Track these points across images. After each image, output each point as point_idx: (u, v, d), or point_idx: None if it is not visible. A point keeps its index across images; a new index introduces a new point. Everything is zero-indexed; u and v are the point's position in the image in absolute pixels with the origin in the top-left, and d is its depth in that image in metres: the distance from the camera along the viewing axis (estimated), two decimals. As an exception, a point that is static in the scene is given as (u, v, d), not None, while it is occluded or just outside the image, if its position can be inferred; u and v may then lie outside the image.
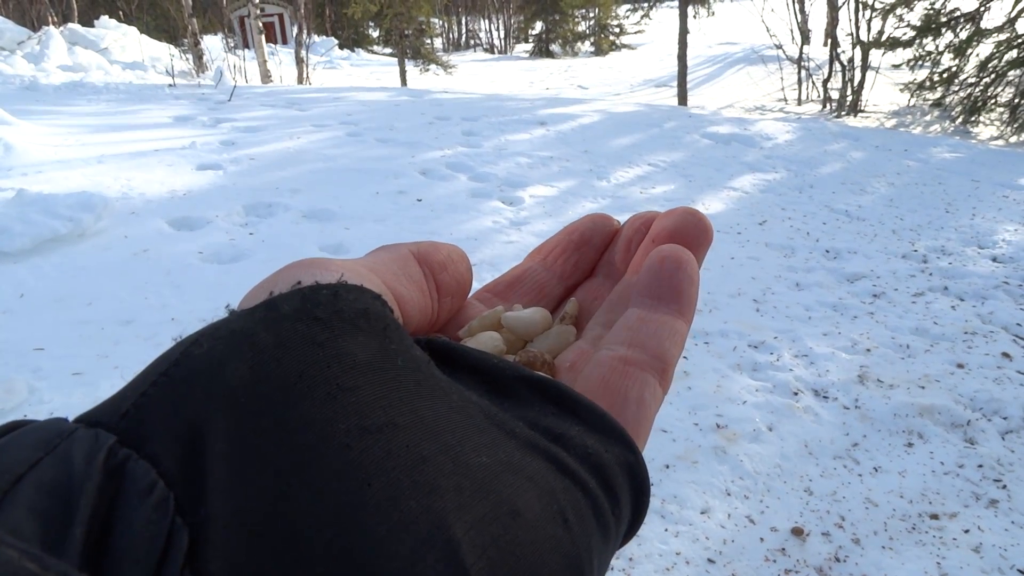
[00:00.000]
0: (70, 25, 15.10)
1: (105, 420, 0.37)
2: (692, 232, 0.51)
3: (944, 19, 13.06)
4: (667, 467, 3.08)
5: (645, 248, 0.51)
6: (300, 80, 17.21)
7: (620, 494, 0.42)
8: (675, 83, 15.58)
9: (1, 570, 0.25)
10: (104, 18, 16.36)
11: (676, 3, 15.59)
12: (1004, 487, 3.04)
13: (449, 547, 0.35)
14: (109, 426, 0.36)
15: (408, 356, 0.41)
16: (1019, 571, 2.59)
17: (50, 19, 18.03)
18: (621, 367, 0.49)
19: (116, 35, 15.23)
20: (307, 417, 0.36)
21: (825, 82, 15.86)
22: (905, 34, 13.60)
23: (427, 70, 23.33)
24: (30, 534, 0.31)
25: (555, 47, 34.13)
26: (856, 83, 14.99)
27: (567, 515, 0.38)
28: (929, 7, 13.23)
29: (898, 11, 13.58)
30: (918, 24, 13.32)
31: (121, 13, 26.02)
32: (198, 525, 0.34)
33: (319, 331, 0.39)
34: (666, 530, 2.75)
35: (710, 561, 2.63)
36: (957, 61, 13.35)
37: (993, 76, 12.63)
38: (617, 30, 34.39)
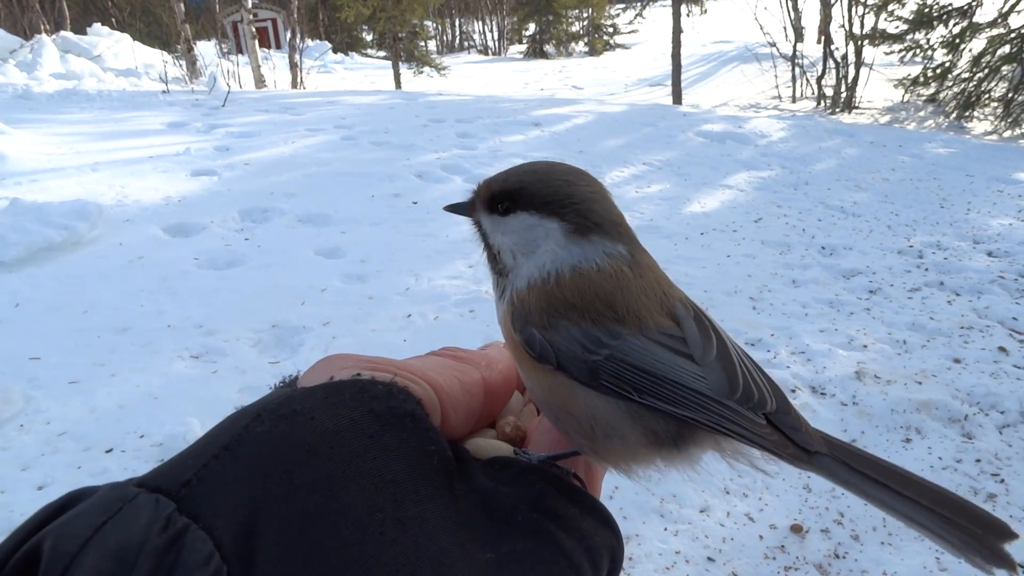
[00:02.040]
0: (63, 33, 15.08)
1: (165, 486, 0.40)
2: None
3: (937, 13, 13.09)
4: (666, 466, 3.07)
5: None
6: (294, 84, 17.21)
7: (601, 572, 0.51)
8: (669, 82, 15.60)
9: None
10: (97, 25, 16.35)
11: (669, 2, 15.61)
12: (1002, 481, 3.04)
13: None
14: (169, 492, 0.40)
15: (442, 456, 0.47)
16: (1019, 566, 2.59)
17: (42, 27, 18.00)
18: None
19: (109, 42, 15.21)
20: (351, 504, 0.41)
21: (819, 79, 15.89)
22: (898, 28, 13.62)
23: (421, 72, 23.32)
24: None
25: (549, 48, 34.14)
26: (850, 80, 15.02)
27: None
28: (921, 1, 13.26)
29: (890, 7, 13.61)
30: (910, 18, 13.34)
31: (114, 20, 26.01)
32: None
33: (372, 423, 0.45)
34: (665, 529, 2.75)
35: (710, 560, 2.63)
36: (950, 56, 13.39)
37: (986, 71, 12.66)
38: (611, 30, 34.40)
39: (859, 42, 14.44)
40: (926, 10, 13.10)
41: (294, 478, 0.40)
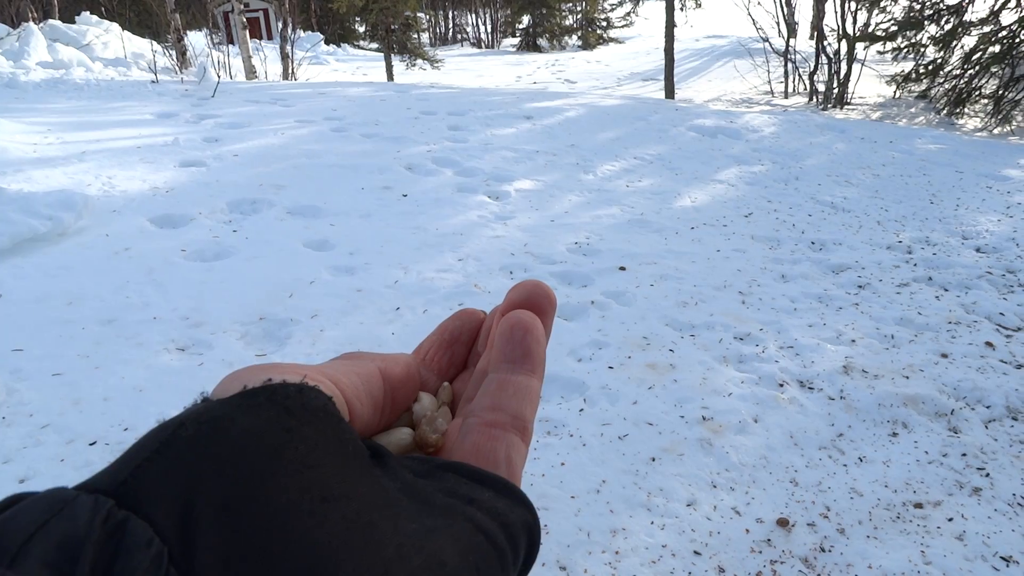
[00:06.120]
0: (51, 21, 14.90)
1: (103, 487, 0.41)
2: (538, 301, 0.58)
3: (929, 11, 13.12)
4: (653, 460, 3.08)
5: (498, 320, 0.59)
6: (285, 76, 17.08)
7: (519, 548, 0.52)
8: (662, 77, 15.57)
9: None
10: (85, 14, 16.15)
11: (662, -4, 15.55)
12: (987, 475, 3.06)
13: None
14: (107, 492, 0.41)
15: (356, 446, 0.49)
16: (1002, 558, 2.60)
17: (30, 15, 17.79)
18: (488, 431, 0.58)
19: (98, 31, 15.04)
20: (280, 487, 0.43)
21: (811, 75, 15.91)
22: (890, 27, 13.65)
23: (414, 65, 23.20)
24: None
25: (542, 41, 34.04)
26: (842, 76, 15.05)
27: (480, 565, 0.48)
28: (909, 3, 13.28)
29: (883, 3, 13.63)
30: (901, 18, 13.37)
31: (103, 9, 25.71)
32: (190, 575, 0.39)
33: (288, 418, 0.47)
34: (652, 523, 2.75)
35: (696, 553, 2.63)
36: (942, 53, 13.42)
37: (977, 68, 12.70)
38: (604, 24, 34.36)
39: (851, 40, 14.45)
40: (917, 8, 13.11)
41: (223, 471, 0.43)
